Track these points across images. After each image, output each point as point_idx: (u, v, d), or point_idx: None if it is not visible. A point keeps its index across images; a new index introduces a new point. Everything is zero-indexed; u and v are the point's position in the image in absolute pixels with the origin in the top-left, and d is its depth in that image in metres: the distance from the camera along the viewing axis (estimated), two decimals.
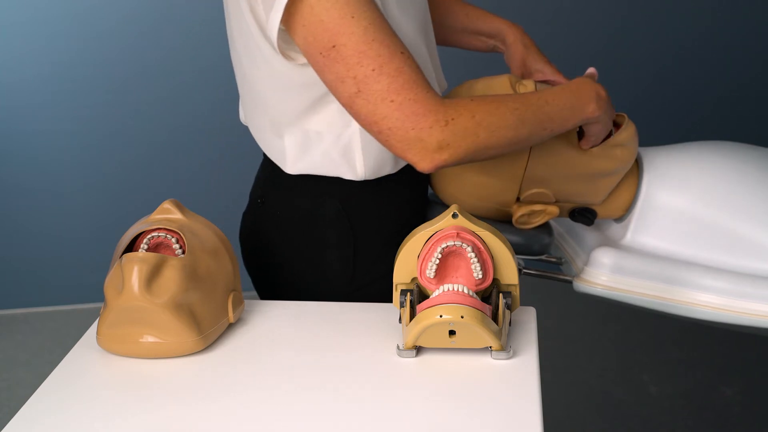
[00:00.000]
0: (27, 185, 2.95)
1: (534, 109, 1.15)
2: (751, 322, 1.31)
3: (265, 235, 1.34)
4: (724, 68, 3.13)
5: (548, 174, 1.32)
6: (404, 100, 1.07)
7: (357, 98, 1.08)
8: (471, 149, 1.10)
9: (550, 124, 1.17)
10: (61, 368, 1.07)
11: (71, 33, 2.81)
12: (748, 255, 1.34)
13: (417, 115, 1.07)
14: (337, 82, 1.08)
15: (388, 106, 1.07)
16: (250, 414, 0.97)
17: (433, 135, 1.08)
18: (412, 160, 1.10)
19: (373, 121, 1.08)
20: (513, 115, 1.12)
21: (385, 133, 1.09)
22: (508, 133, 1.12)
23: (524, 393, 0.98)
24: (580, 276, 1.41)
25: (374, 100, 1.07)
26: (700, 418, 2.45)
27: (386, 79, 1.06)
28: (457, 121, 1.08)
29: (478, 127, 1.09)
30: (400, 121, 1.07)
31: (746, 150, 1.48)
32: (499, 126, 1.11)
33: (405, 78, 1.07)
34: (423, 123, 1.07)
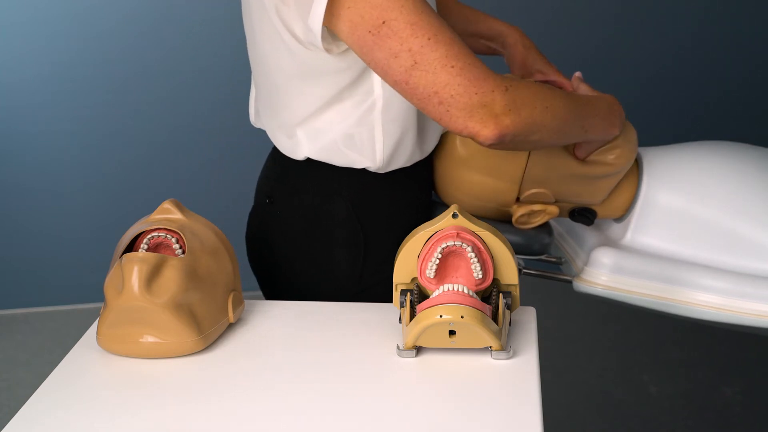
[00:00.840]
0: (27, 185, 2.95)
1: (576, 103, 1.17)
2: (752, 322, 1.31)
3: (273, 235, 1.33)
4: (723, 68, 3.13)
5: (547, 175, 1.32)
6: (464, 65, 1.06)
7: (414, 70, 1.06)
8: (529, 120, 1.09)
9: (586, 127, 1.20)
10: (61, 368, 1.07)
11: (71, 33, 2.81)
12: (748, 255, 1.34)
13: (479, 80, 1.06)
14: (390, 58, 1.06)
15: (449, 72, 1.05)
16: (250, 414, 0.97)
17: (497, 99, 1.06)
18: (475, 128, 1.07)
19: (433, 91, 1.06)
20: (561, 99, 1.14)
21: (446, 102, 1.06)
22: (558, 114, 1.13)
23: (524, 393, 0.98)
24: (580, 276, 1.41)
25: (433, 68, 1.05)
26: (701, 418, 2.45)
27: (443, 47, 1.05)
28: (515, 88, 1.08)
29: (534, 99, 1.09)
30: (462, 86, 1.06)
31: (746, 150, 1.48)
32: (552, 105, 1.12)
33: (459, 46, 1.06)
34: (485, 87, 1.06)
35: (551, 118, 1.12)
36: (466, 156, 1.32)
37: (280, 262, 1.33)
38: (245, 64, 1.35)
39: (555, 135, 1.15)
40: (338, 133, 1.23)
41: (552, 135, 1.14)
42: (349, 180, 1.26)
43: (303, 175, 1.28)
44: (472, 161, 1.32)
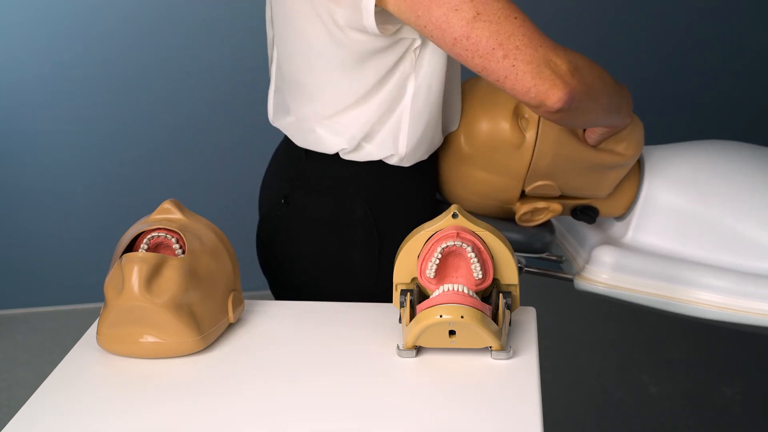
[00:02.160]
0: (27, 185, 2.95)
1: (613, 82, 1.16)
2: (752, 320, 1.31)
3: (289, 235, 1.32)
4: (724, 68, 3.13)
5: (554, 165, 1.31)
6: (525, 19, 1.04)
7: (477, 21, 1.03)
8: (590, 85, 1.07)
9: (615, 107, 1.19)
10: (61, 368, 1.07)
11: (71, 33, 2.80)
12: (749, 254, 1.35)
13: (539, 33, 1.04)
14: (450, 12, 1.04)
15: (513, 22, 1.03)
16: (251, 413, 0.97)
17: (560, 57, 1.04)
18: (544, 87, 1.03)
19: (498, 43, 1.03)
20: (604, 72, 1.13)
21: (512, 55, 1.03)
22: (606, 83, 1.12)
23: (524, 393, 0.98)
24: (581, 274, 1.41)
25: (497, 18, 1.03)
26: (701, 418, 2.45)
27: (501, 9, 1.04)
28: (568, 51, 1.06)
29: (589, 65, 1.09)
30: (527, 36, 1.03)
31: (747, 149, 1.48)
32: (600, 74, 1.11)
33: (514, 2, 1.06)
34: (548, 41, 1.04)
35: (602, 85, 1.10)
36: (470, 153, 1.32)
37: (298, 263, 1.32)
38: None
39: (603, 109, 1.13)
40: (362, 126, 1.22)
41: (601, 108, 1.12)
42: (366, 178, 1.25)
43: (319, 175, 1.27)
44: (475, 158, 1.32)
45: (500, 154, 1.31)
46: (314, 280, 1.31)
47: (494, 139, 1.30)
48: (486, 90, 1.32)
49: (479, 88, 1.33)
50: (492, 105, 1.30)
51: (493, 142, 1.30)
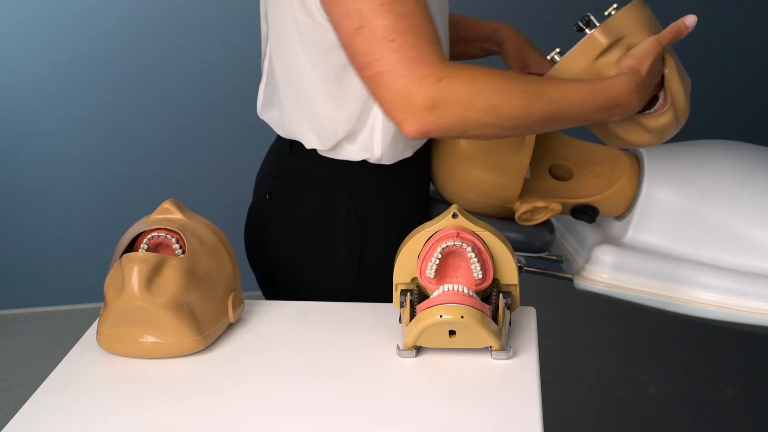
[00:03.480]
0: (27, 185, 2.95)
1: (548, 100, 1.05)
2: (752, 320, 1.31)
3: (272, 231, 1.33)
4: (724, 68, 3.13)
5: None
6: (404, 43, 1.00)
7: (357, 34, 1.02)
8: (462, 119, 1.01)
9: (562, 121, 1.09)
10: (61, 368, 1.07)
11: (71, 33, 2.80)
12: (748, 253, 1.35)
13: (412, 62, 0.99)
14: (343, 17, 1.02)
15: (386, 45, 1.00)
16: (251, 413, 0.97)
17: (423, 89, 0.99)
18: (398, 118, 1.01)
19: (367, 62, 1.01)
20: (520, 97, 1.03)
21: (376, 78, 1.01)
22: (508, 114, 1.03)
23: (524, 393, 0.98)
24: (581, 274, 1.41)
25: (374, 37, 1.00)
26: (700, 417, 2.45)
27: (393, 16, 1.00)
28: (452, 80, 1.00)
29: (474, 96, 1.01)
30: (393, 64, 1.00)
31: (747, 149, 1.48)
32: (500, 104, 1.02)
33: (412, 23, 1.00)
34: (415, 72, 0.99)
35: (498, 116, 1.02)
36: (470, 152, 1.32)
37: (280, 259, 1.33)
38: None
39: (506, 132, 1.06)
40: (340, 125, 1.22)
41: (502, 132, 1.05)
42: (349, 176, 1.25)
43: (304, 171, 1.27)
44: (475, 157, 1.32)
45: (500, 153, 1.31)
46: (297, 278, 1.32)
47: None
48: None
49: None
50: None
51: (492, 141, 1.30)
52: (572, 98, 1.07)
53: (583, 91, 1.08)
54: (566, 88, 1.07)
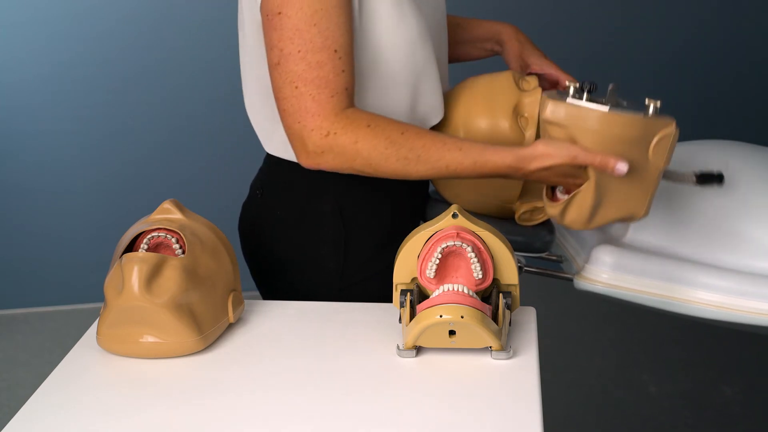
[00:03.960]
0: (27, 185, 2.95)
1: (428, 167, 1.14)
2: (752, 320, 1.31)
3: (262, 227, 1.35)
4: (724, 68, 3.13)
5: None
6: (305, 93, 1.11)
7: (275, 70, 1.13)
8: (345, 168, 1.14)
9: (444, 177, 1.17)
10: (61, 368, 1.07)
11: (71, 33, 2.80)
12: (748, 253, 1.35)
13: (307, 113, 1.11)
14: (268, 47, 1.13)
15: (292, 91, 1.11)
16: (250, 414, 0.97)
17: (312, 138, 1.12)
18: (295, 151, 1.15)
19: (277, 96, 1.13)
20: (398, 163, 1.13)
21: (280, 113, 1.14)
22: (386, 173, 1.14)
23: (524, 393, 0.98)
24: (581, 274, 1.41)
25: (285, 78, 1.11)
26: (700, 417, 2.45)
27: (304, 65, 1.10)
28: (338, 137, 1.11)
29: (355, 155, 1.12)
30: (293, 108, 1.12)
31: (747, 149, 1.48)
32: (378, 165, 1.13)
33: (320, 74, 1.10)
34: (308, 122, 1.11)
35: (374, 172, 1.14)
36: None
37: (268, 254, 1.34)
38: None
39: (391, 176, 1.15)
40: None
41: (388, 175, 1.15)
42: (334, 175, 1.25)
43: (291, 170, 1.28)
44: None
45: None
46: (284, 274, 1.33)
47: (494, 138, 1.30)
48: (486, 89, 1.32)
49: (479, 87, 1.33)
50: (492, 104, 1.30)
51: (492, 140, 1.30)
52: (452, 167, 1.14)
53: (466, 161, 1.14)
54: (450, 157, 1.14)
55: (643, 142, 1.12)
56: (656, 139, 1.12)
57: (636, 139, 1.12)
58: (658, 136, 1.12)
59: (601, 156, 1.10)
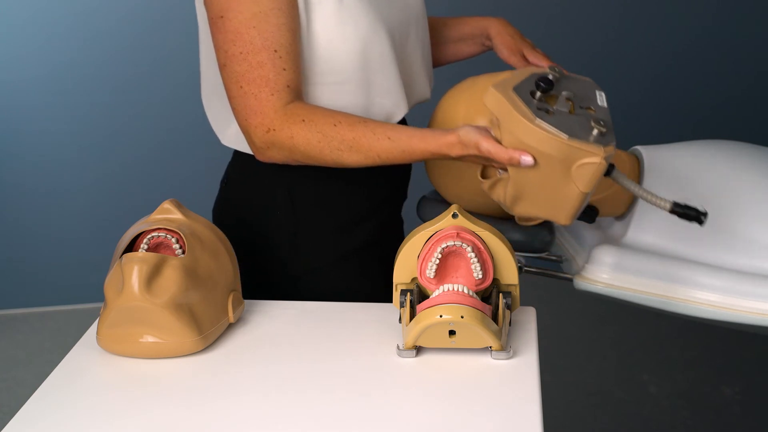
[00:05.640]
0: (27, 185, 2.95)
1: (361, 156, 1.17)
2: (751, 320, 1.31)
3: (224, 216, 1.40)
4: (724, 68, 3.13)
5: None
6: (248, 92, 1.18)
7: (222, 70, 1.20)
8: (291, 161, 1.21)
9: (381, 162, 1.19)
10: (61, 368, 1.07)
11: (71, 33, 2.80)
12: (748, 253, 1.35)
13: (250, 111, 1.18)
14: (215, 49, 1.20)
15: (237, 90, 1.18)
16: (250, 414, 0.97)
17: (256, 135, 1.19)
18: (249, 145, 1.22)
19: (227, 96, 1.21)
20: (332, 154, 1.18)
21: (232, 111, 1.21)
22: (323, 162, 1.19)
23: (524, 393, 0.98)
24: (581, 274, 1.41)
25: (231, 78, 1.19)
26: (700, 417, 2.45)
27: (246, 66, 1.17)
28: (276, 133, 1.18)
29: (294, 149, 1.19)
30: (240, 107, 1.19)
31: (746, 149, 1.48)
32: (314, 157, 1.19)
33: (261, 74, 1.17)
34: (251, 120, 1.19)
35: (314, 162, 1.20)
36: None
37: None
38: None
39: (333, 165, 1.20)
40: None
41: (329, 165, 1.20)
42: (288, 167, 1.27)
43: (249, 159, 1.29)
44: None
45: None
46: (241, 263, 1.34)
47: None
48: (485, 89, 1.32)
49: (479, 87, 1.33)
50: None
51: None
52: (384, 155, 1.17)
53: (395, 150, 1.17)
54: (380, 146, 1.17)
55: (565, 163, 1.09)
56: (576, 165, 1.08)
57: (555, 158, 1.09)
58: (578, 162, 1.08)
59: (509, 153, 1.10)
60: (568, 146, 1.07)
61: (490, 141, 1.12)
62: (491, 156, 1.11)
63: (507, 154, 1.10)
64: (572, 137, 1.07)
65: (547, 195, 1.14)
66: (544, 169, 1.10)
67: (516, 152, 1.10)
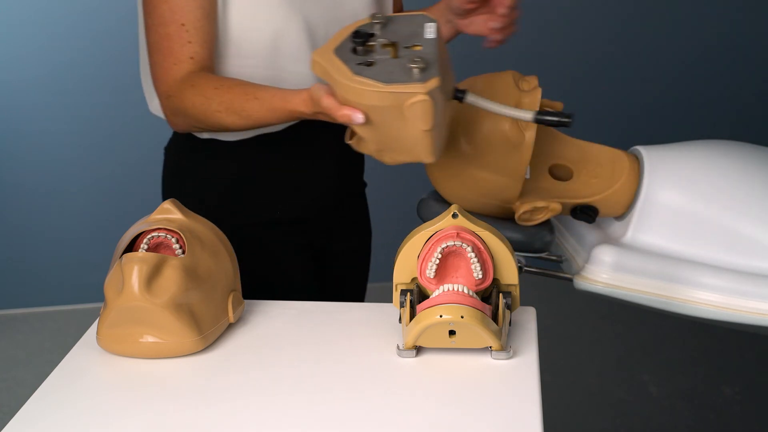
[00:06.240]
0: (27, 185, 2.95)
1: (237, 117, 1.24)
2: (752, 320, 1.31)
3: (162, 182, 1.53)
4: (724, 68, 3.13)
5: None
6: (156, 62, 1.29)
7: (147, 37, 1.31)
8: (189, 126, 1.32)
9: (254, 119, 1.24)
10: (61, 368, 1.07)
11: (71, 33, 2.80)
12: (748, 253, 1.35)
13: (156, 79, 1.30)
14: (140, 22, 1.35)
15: (152, 58, 1.30)
16: (250, 413, 0.97)
17: (162, 102, 1.31)
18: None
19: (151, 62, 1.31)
20: (213, 116, 1.25)
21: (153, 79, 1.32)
22: (213, 125, 1.27)
23: (524, 393, 0.98)
24: (580, 274, 1.41)
25: (149, 46, 1.30)
26: (701, 417, 2.45)
27: (156, 37, 1.28)
28: (174, 99, 1.28)
29: (186, 113, 1.28)
30: (153, 75, 1.31)
31: (747, 149, 1.48)
32: (203, 120, 1.27)
33: (167, 45, 1.27)
34: (158, 88, 1.31)
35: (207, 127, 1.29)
36: (469, 152, 1.32)
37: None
38: None
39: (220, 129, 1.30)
40: None
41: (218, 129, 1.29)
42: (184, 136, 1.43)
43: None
44: (475, 158, 1.32)
45: (499, 153, 1.31)
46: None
47: (493, 138, 1.30)
48: (485, 88, 1.32)
49: (478, 87, 1.33)
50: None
51: (492, 141, 1.30)
52: (255, 115, 1.23)
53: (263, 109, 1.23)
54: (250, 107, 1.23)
55: (395, 109, 1.08)
56: (406, 108, 1.08)
57: (383, 108, 1.09)
58: (406, 105, 1.07)
59: (342, 110, 1.12)
60: (389, 93, 1.07)
61: (329, 98, 1.13)
62: (329, 113, 1.13)
63: (340, 111, 1.12)
64: (389, 83, 1.07)
65: (400, 141, 1.15)
66: (382, 119, 1.11)
67: (347, 109, 1.11)
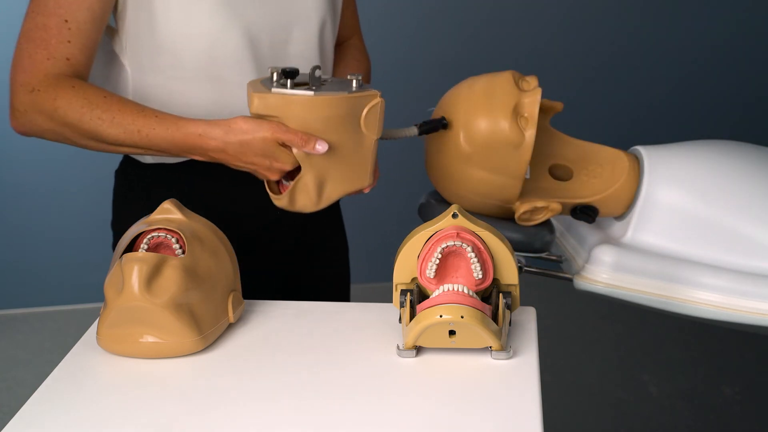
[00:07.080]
0: (27, 185, 2.95)
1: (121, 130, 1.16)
2: (752, 320, 1.31)
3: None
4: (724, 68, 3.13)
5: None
6: (24, 49, 1.17)
7: (24, 22, 1.20)
8: (45, 129, 1.17)
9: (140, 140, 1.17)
10: (61, 368, 1.07)
11: None
12: (748, 253, 1.35)
13: (22, 69, 1.16)
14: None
15: (20, 44, 1.18)
16: (251, 414, 0.97)
17: (18, 94, 1.16)
18: (9, 110, 1.18)
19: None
20: (91, 122, 1.15)
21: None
22: (81, 131, 1.16)
23: (524, 393, 0.98)
24: (580, 274, 1.41)
25: (21, 32, 1.19)
26: (701, 417, 2.45)
27: (32, 24, 1.18)
28: (40, 94, 1.15)
29: (53, 112, 1.15)
30: (14, 62, 1.17)
31: (747, 149, 1.48)
32: (74, 123, 1.15)
33: (42, 36, 1.16)
34: (18, 77, 1.16)
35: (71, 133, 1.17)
36: (469, 152, 1.32)
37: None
38: None
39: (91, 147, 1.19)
40: None
41: (87, 145, 1.19)
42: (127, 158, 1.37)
43: None
44: (475, 158, 1.32)
45: (500, 153, 1.31)
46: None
47: (494, 138, 1.30)
48: (485, 88, 1.32)
49: (478, 87, 1.33)
50: (491, 104, 1.30)
51: (492, 141, 1.30)
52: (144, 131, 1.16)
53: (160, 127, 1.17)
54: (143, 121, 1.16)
55: (353, 118, 1.17)
56: (365, 113, 1.17)
57: (345, 117, 1.16)
58: (365, 109, 1.17)
59: (301, 134, 1.13)
60: (353, 98, 1.16)
61: (281, 128, 1.13)
62: (286, 138, 1.13)
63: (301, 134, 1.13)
64: (350, 92, 1.16)
65: (347, 165, 1.20)
66: (339, 137, 1.16)
67: (308, 135, 1.13)
